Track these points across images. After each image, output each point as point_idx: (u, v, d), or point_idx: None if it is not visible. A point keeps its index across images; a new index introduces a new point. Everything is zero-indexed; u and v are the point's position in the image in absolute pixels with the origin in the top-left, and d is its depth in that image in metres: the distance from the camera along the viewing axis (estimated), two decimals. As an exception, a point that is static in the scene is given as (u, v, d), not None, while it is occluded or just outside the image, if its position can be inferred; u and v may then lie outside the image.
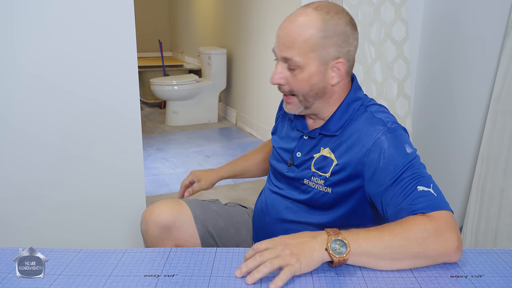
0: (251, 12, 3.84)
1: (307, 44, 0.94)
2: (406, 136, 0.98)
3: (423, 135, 2.20)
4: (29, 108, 1.53)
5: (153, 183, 2.90)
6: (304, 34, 0.94)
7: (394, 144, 0.94)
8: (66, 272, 0.84)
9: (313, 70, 0.96)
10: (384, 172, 0.92)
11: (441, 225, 0.82)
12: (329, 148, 1.02)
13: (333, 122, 1.03)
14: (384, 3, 1.94)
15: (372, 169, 0.95)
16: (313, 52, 0.95)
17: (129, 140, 1.68)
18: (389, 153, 0.93)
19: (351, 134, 1.00)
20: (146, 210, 1.16)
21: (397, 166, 0.91)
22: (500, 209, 1.71)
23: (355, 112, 1.02)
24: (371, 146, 0.95)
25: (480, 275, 0.81)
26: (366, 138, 0.96)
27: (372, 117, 0.99)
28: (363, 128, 0.98)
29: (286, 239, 0.83)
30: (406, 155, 0.92)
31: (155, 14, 6.50)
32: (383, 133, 0.95)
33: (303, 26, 0.94)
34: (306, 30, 0.94)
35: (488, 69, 1.78)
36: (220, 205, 1.29)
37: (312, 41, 0.94)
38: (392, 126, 0.97)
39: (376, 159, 0.94)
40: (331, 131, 1.03)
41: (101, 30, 1.55)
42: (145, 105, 5.10)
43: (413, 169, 0.91)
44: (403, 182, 0.89)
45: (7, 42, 1.46)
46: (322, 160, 1.03)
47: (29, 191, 1.60)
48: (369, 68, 1.95)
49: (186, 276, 0.81)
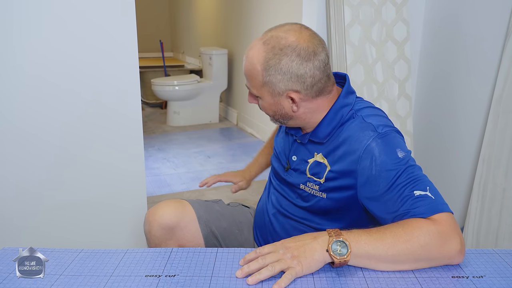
0: (252, 12, 3.84)
1: (257, 80, 0.97)
2: (399, 138, 0.96)
3: (424, 135, 2.20)
4: (31, 109, 1.53)
5: (154, 183, 2.91)
6: (253, 70, 0.97)
7: (385, 150, 0.92)
8: (67, 272, 0.84)
9: (269, 101, 1.00)
10: (377, 179, 0.91)
11: (443, 228, 0.81)
12: (321, 153, 1.02)
13: (321, 129, 1.02)
14: (385, 3, 1.94)
15: (365, 177, 0.94)
16: (263, 87, 0.98)
17: (130, 140, 1.68)
18: (381, 160, 0.91)
19: (343, 141, 0.98)
20: (149, 211, 1.16)
21: (390, 172, 0.90)
22: (501, 209, 1.71)
23: (344, 118, 1.00)
24: (362, 154, 0.94)
25: (482, 275, 0.81)
26: (356, 145, 0.95)
27: (362, 122, 0.98)
28: (354, 134, 0.97)
29: (287, 243, 0.83)
30: (398, 160, 0.91)
31: (156, 14, 6.51)
32: (373, 139, 0.94)
33: (251, 62, 0.97)
34: (254, 66, 0.97)
35: (489, 70, 1.78)
36: (223, 205, 1.29)
37: (259, 78, 0.97)
38: (383, 130, 0.95)
39: (368, 167, 0.93)
40: (319, 138, 1.02)
41: (102, 31, 1.55)
42: (146, 105, 5.11)
43: (407, 174, 0.89)
44: (398, 188, 0.88)
45: (7, 43, 1.46)
46: (316, 166, 1.03)
47: (31, 191, 1.60)
48: (370, 69, 1.95)
49: (187, 277, 0.81)
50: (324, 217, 1.05)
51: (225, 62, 4.38)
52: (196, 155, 3.50)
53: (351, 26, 1.89)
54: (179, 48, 6.36)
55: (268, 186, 1.21)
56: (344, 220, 1.04)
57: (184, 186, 2.85)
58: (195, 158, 3.44)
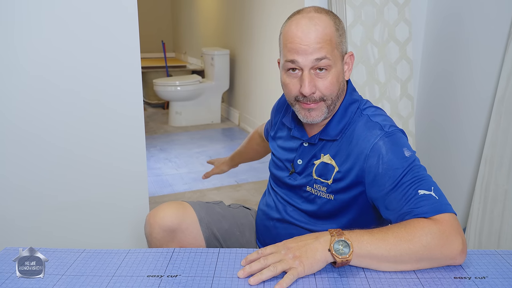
0: (254, 13, 3.84)
1: (332, 43, 0.95)
2: (405, 138, 0.98)
3: (426, 135, 2.19)
4: (33, 109, 1.54)
5: (156, 183, 2.91)
6: (327, 34, 0.95)
7: (392, 148, 0.93)
8: (70, 272, 0.84)
9: (339, 67, 0.98)
10: (384, 177, 0.92)
11: (445, 228, 0.82)
12: (329, 154, 1.02)
13: (332, 127, 1.02)
14: (387, 3, 1.93)
15: (372, 175, 0.94)
16: (336, 49, 0.97)
17: (132, 140, 1.68)
18: (388, 158, 0.92)
19: (350, 140, 0.99)
20: (150, 213, 1.14)
21: (396, 171, 0.91)
22: (503, 210, 1.70)
23: (353, 116, 1.02)
24: (369, 152, 0.95)
25: (484, 276, 0.81)
26: (364, 144, 0.96)
27: (369, 121, 0.99)
28: (361, 133, 0.98)
29: (289, 243, 0.84)
30: (405, 159, 0.92)
31: (158, 15, 6.51)
32: (380, 137, 0.95)
33: (323, 27, 0.95)
34: (326, 30, 0.95)
35: (492, 70, 1.78)
36: (224, 207, 1.28)
37: (334, 39, 0.96)
38: (390, 129, 0.96)
39: (375, 165, 0.94)
40: (331, 136, 1.02)
41: (104, 32, 1.55)
42: (148, 106, 5.11)
43: (413, 173, 0.90)
44: (404, 187, 0.89)
45: (9, 43, 1.46)
46: (323, 167, 1.03)
47: (32, 191, 1.61)
48: (372, 69, 1.94)
49: (189, 277, 0.82)
50: (330, 220, 1.05)
51: (227, 63, 4.38)
52: (198, 156, 3.50)
53: (353, 26, 1.89)
54: (181, 49, 6.37)
55: (271, 193, 1.19)
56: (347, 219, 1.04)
57: (186, 187, 2.85)
58: (197, 158, 3.44)
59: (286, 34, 0.97)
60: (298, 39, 0.94)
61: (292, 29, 0.96)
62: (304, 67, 0.95)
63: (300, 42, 0.94)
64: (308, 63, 0.94)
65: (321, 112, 0.99)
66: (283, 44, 0.98)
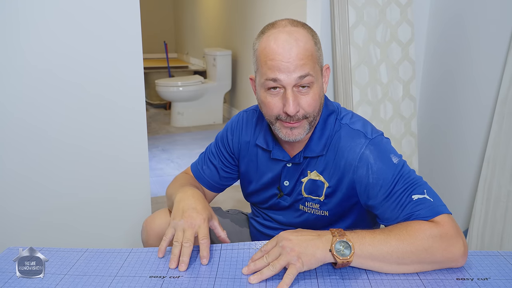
0: (256, 13, 3.84)
1: (313, 58, 0.91)
2: (389, 142, 0.97)
3: (428, 136, 2.19)
4: (34, 108, 1.55)
5: (158, 184, 2.91)
6: (307, 49, 0.90)
7: (380, 156, 0.93)
8: (72, 272, 0.84)
9: (320, 82, 0.94)
10: (375, 187, 0.92)
11: (446, 230, 0.82)
12: (316, 171, 1.00)
13: (314, 142, 0.99)
14: (390, 4, 1.93)
15: (363, 185, 0.94)
16: (317, 64, 0.93)
17: (134, 134, 1.70)
18: (377, 167, 0.92)
19: (335, 152, 0.97)
20: (146, 220, 1.12)
21: (387, 179, 0.91)
22: (506, 211, 1.70)
23: (333, 127, 0.99)
24: (357, 163, 0.94)
25: (486, 278, 0.81)
26: (350, 155, 0.95)
27: (350, 131, 0.97)
28: (345, 144, 0.96)
29: (289, 234, 0.83)
30: (393, 166, 0.92)
31: (161, 15, 6.52)
32: (366, 146, 0.94)
33: (303, 42, 0.89)
34: (307, 45, 0.90)
35: (494, 71, 1.77)
36: (222, 213, 1.27)
37: (315, 54, 0.92)
38: (373, 136, 0.95)
39: (364, 175, 0.93)
40: (316, 152, 0.99)
41: (107, 33, 1.56)
42: (150, 106, 5.12)
43: (404, 179, 0.90)
44: (397, 195, 0.89)
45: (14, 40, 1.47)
46: (312, 184, 1.01)
47: (35, 190, 1.61)
48: (374, 70, 1.94)
49: (192, 277, 0.82)
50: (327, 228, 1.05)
51: (229, 63, 4.39)
52: (200, 156, 3.50)
53: (356, 27, 1.89)
54: (183, 49, 6.37)
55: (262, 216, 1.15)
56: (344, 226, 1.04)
57: (188, 187, 2.85)
58: (199, 159, 3.44)
59: (263, 51, 0.90)
60: (279, 56, 0.88)
61: (270, 45, 0.89)
62: (287, 86, 0.89)
63: (281, 59, 0.88)
64: (291, 81, 0.88)
65: (303, 130, 0.94)
66: (262, 61, 0.91)
